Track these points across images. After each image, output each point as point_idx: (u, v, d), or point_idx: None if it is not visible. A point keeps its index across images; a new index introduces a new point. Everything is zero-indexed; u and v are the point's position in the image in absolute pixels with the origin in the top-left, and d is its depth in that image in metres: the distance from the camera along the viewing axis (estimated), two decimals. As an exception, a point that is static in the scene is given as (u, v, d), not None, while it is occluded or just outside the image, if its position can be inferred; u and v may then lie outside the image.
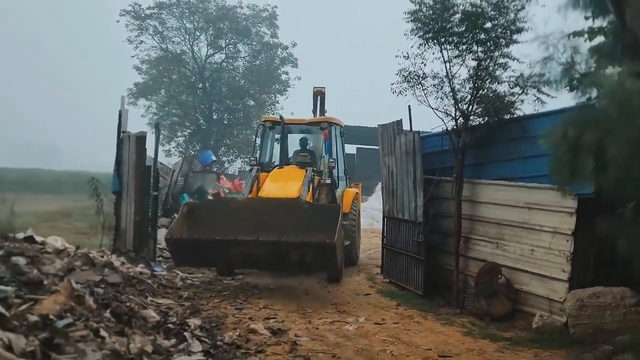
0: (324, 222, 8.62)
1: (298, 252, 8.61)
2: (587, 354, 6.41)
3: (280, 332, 7.00)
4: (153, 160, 11.15)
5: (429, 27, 9.38)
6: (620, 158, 5.08)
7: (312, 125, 12.54)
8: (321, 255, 8.63)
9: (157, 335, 6.41)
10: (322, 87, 13.78)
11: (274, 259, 8.81)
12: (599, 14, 7.63)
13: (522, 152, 8.35)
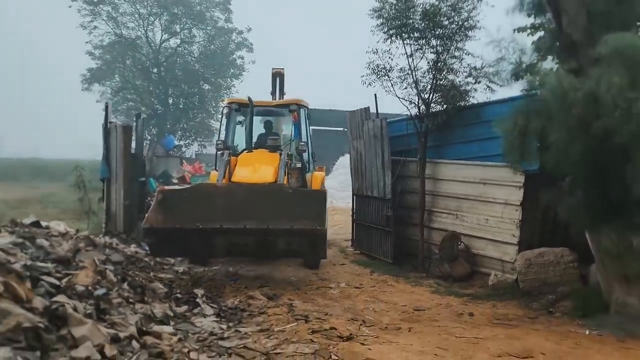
0: (308, 208, 8.35)
1: (286, 239, 8.38)
2: (534, 303, 7.76)
3: (276, 297, 8.00)
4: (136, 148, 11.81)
5: (393, 24, 10.46)
6: (559, 142, 6.33)
7: (280, 107, 11.78)
8: (310, 242, 8.45)
9: (170, 303, 7.33)
10: (281, 69, 13.06)
11: (260, 247, 8.53)
12: (540, 13, 8.93)
13: (477, 135, 9.61)
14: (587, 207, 6.78)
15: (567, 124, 6.27)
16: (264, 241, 8.35)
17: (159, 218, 8.16)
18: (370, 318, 7.02)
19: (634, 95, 5.83)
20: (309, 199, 8.73)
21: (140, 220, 11.44)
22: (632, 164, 5.94)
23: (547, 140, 6.57)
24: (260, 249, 8.60)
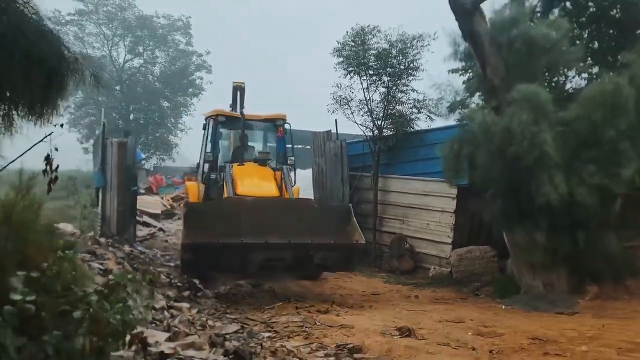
0: (331, 222, 8.18)
1: (323, 253, 8.13)
2: (464, 288, 9.45)
3: (259, 286, 9.30)
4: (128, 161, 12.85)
5: (351, 62, 12.10)
6: (484, 163, 8.05)
7: (265, 121, 10.87)
8: (348, 256, 8.35)
9: (174, 289, 8.52)
10: (242, 82, 12.17)
11: (296, 262, 8.13)
12: (469, 59, 10.75)
13: (420, 156, 11.35)
14: (504, 213, 8.54)
15: (490, 150, 8.02)
16: (301, 256, 8.03)
17: (198, 233, 7.40)
18: (338, 300, 8.45)
19: (536, 130, 7.63)
20: (336, 214, 8.66)
21: (131, 224, 12.53)
22: (535, 181, 7.70)
23: (475, 162, 8.31)
24: (296, 264, 8.23)
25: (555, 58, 9.46)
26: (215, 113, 10.50)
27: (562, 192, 7.49)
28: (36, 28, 2.15)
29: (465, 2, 8.94)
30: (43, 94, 2.19)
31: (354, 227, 8.18)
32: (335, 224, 8.14)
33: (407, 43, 11.71)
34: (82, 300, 2.76)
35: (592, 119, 7.79)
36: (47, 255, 3.11)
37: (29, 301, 2.58)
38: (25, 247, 3.03)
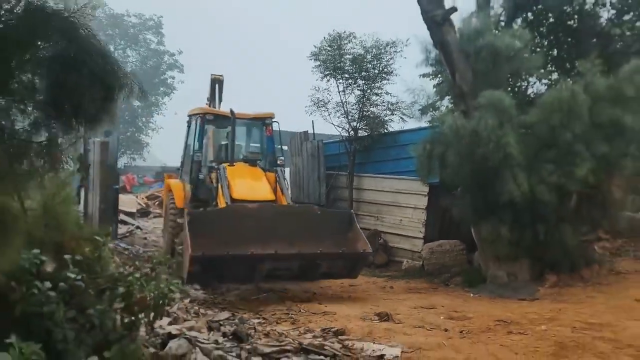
0: (335, 229, 8.09)
1: (330, 262, 8.02)
2: (435, 279, 10.05)
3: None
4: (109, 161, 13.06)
5: (328, 66, 12.61)
6: (454, 163, 8.66)
7: (256, 120, 10.41)
8: (354, 264, 8.29)
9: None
10: (220, 75, 11.56)
11: (302, 271, 8.01)
12: (439, 65, 11.38)
13: (393, 156, 11.93)
14: (472, 209, 9.18)
15: (459, 151, 8.63)
16: (308, 265, 7.93)
17: (205, 244, 7.07)
18: (318, 291, 8.94)
19: (501, 133, 8.27)
20: (339, 220, 8.48)
21: (113, 222, 12.76)
22: (500, 180, 8.34)
23: (446, 162, 8.91)
24: (302, 272, 8.09)
25: (518, 66, 10.13)
26: (203, 111, 10.07)
27: (524, 190, 8.14)
28: (98, 51, 2.57)
29: (436, 15, 9.55)
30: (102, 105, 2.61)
31: (357, 233, 8.14)
32: (338, 230, 8.06)
33: (381, 49, 12.31)
34: (120, 279, 3.19)
35: (550, 123, 8.47)
36: (79, 242, 3.53)
37: (78, 279, 3.01)
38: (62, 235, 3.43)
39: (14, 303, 2.79)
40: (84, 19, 2.57)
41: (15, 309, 2.78)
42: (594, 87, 8.64)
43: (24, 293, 2.82)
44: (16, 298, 2.80)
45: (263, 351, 4.74)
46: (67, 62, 2.48)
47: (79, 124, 2.64)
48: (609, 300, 7.43)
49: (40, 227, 3.12)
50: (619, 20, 11.28)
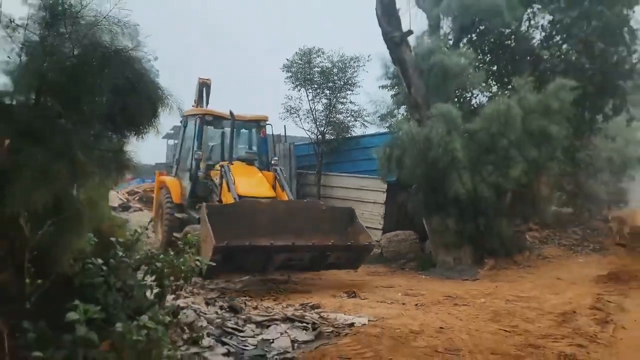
0: (338, 223, 8.18)
1: (337, 253, 7.97)
2: (393, 265, 10.77)
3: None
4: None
5: (299, 77, 13.18)
6: (409, 165, 9.39)
7: (251, 122, 10.28)
8: (359, 255, 8.29)
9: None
10: (208, 79, 11.37)
11: (312, 261, 7.91)
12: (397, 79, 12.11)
13: (356, 157, 12.60)
14: (424, 204, 9.95)
15: (414, 154, 9.37)
16: (318, 256, 7.86)
17: (226, 236, 6.86)
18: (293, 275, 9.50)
19: (449, 139, 9.04)
20: (341, 215, 8.48)
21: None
22: (448, 179, 9.11)
23: (403, 163, 9.64)
24: (312, 263, 7.99)
25: (464, 81, 10.97)
26: (203, 112, 9.92)
27: (468, 188, 8.94)
28: (147, 78, 3.08)
29: (395, 36, 10.26)
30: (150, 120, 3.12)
31: (360, 227, 8.22)
32: (341, 224, 8.17)
33: (346, 63, 12.97)
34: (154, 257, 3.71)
35: (490, 131, 9.30)
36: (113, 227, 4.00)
37: (124, 257, 3.52)
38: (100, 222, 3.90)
39: (74, 276, 3.27)
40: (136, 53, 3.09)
41: (75, 281, 3.27)
42: (526, 102, 9.53)
43: (81, 268, 3.31)
44: (75, 272, 3.29)
45: (256, 320, 5.31)
46: (125, 87, 3.00)
47: (131, 134, 3.15)
48: (536, 279, 8.31)
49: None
50: (548, 43, 12.22)
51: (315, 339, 4.92)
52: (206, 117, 9.68)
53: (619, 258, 10.65)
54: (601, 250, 11.65)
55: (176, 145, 11.00)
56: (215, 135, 10.51)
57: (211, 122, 9.84)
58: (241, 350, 4.44)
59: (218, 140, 10.44)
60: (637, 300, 6.84)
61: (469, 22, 12.41)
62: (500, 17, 11.39)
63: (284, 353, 4.47)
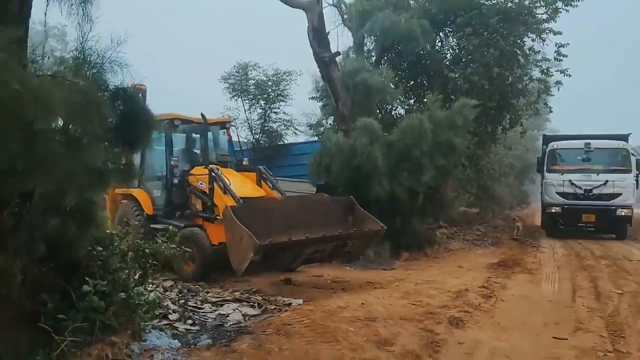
0: (343, 212, 8.33)
1: (354, 242, 8.06)
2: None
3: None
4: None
5: (235, 88, 14.15)
6: (337, 170, 10.66)
7: (216, 124, 10.14)
8: (370, 240, 8.48)
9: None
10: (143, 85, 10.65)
11: (333, 251, 8.02)
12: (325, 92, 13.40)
13: (288, 162, 13.72)
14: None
15: (341, 161, 10.64)
16: (340, 245, 7.93)
17: (259, 234, 6.57)
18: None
19: (371, 149, 10.40)
20: (344, 205, 8.49)
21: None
22: (370, 183, 10.46)
23: (331, 169, 10.87)
24: (332, 253, 8.13)
25: (384, 96, 12.47)
26: (172, 116, 9.21)
27: (386, 191, 10.31)
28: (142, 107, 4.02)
29: (324, 57, 11.53)
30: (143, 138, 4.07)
31: (365, 214, 8.30)
32: (346, 213, 8.29)
33: (279, 76, 14.10)
34: (140, 246, 4.65)
35: (405, 142, 10.75)
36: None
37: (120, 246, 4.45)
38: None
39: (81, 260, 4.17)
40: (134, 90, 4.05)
41: (82, 264, 4.16)
42: (435, 117, 11.11)
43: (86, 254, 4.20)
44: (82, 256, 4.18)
45: (211, 300, 6.33)
46: (127, 115, 3.97)
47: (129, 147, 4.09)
48: (441, 267, 9.83)
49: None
50: (455, 66, 14.04)
51: (262, 314, 6.01)
52: (174, 122, 9.18)
53: (510, 249, 12.52)
54: (497, 244, 13.52)
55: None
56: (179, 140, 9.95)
57: (178, 127, 9.36)
58: (203, 322, 5.46)
59: (182, 144, 10.03)
60: (516, 281, 8.48)
61: (389, 44, 13.98)
62: (416, 41, 13.03)
63: (238, 323, 5.53)
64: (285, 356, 4.42)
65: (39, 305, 3.77)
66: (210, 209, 8.34)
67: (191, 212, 8.78)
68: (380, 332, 5.19)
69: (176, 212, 8.94)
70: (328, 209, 8.21)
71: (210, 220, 8.29)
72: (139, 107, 4.04)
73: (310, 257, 7.82)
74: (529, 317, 6.09)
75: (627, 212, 15.03)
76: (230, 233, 6.83)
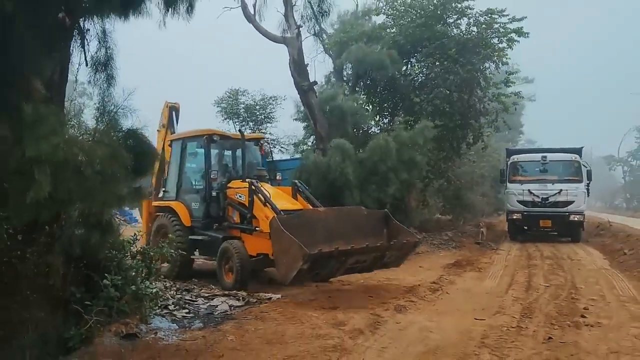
0: (380, 224, 8.32)
1: (391, 252, 7.94)
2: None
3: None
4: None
5: (228, 111, 15.29)
6: (315, 184, 11.71)
7: (251, 140, 10.15)
8: (407, 252, 8.37)
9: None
10: (176, 103, 11.34)
11: (372, 262, 7.86)
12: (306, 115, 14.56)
13: (275, 177, 14.80)
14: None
15: (318, 176, 11.75)
16: (379, 256, 7.83)
17: (308, 244, 6.62)
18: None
19: (344, 165, 11.55)
20: (380, 217, 8.51)
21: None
22: (343, 195, 11.57)
23: (310, 183, 11.91)
24: (372, 263, 7.93)
25: (358, 119, 13.63)
26: (210, 132, 9.31)
27: (357, 201, 11.38)
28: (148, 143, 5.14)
29: (304, 85, 12.71)
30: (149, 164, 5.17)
31: (400, 226, 8.34)
32: (381, 226, 8.29)
33: (266, 101, 15.28)
34: (146, 249, 5.74)
35: (374, 159, 11.91)
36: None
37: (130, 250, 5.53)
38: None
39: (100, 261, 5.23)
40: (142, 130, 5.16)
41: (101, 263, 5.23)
42: (400, 137, 12.30)
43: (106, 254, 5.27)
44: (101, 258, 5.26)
45: (204, 295, 7.38)
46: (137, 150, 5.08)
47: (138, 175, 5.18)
48: (404, 267, 10.73)
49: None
50: (419, 91, 15.27)
51: (245, 305, 7.06)
52: (213, 137, 9.18)
53: (469, 252, 13.59)
54: (460, 247, 14.57)
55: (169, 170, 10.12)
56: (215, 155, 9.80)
57: (216, 142, 9.30)
58: (197, 311, 6.54)
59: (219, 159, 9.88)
60: (464, 278, 9.57)
61: (362, 71, 15.21)
62: (385, 69, 14.26)
63: (225, 312, 6.59)
64: (259, 333, 5.48)
65: (71, 294, 4.84)
66: (249, 221, 8.24)
67: (229, 224, 8.70)
68: (338, 317, 6.24)
69: (214, 224, 8.89)
70: (364, 221, 8.15)
71: (249, 231, 8.18)
72: (145, 145, 5.15)
73: (352, 267, 7.66)
74: (463, 305, 7.16)
75: (579, 217, 16.25)
76: (278, 243, 6.87)
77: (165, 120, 11.06)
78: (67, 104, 4.69)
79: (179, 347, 4.86)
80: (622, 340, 5.35)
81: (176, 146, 9.96)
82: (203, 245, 8.91)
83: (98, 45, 4.49)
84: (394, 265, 8.48)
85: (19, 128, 2.96)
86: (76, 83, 4.87)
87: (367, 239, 7.65)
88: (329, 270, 7.44)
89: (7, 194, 3.24)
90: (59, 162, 2.95)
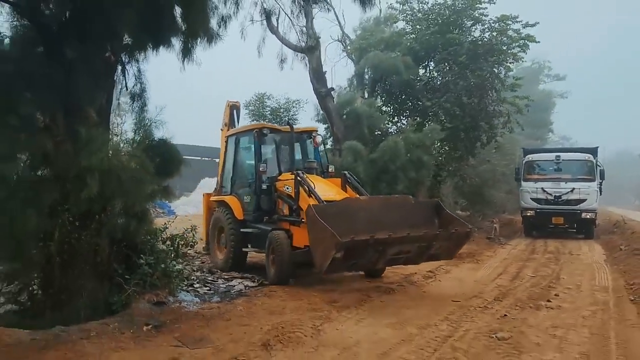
0: (429, 214, 7.90)
1: (440, 243, 7.46)
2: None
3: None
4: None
5: (254, 113, 16.45)
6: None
7: (304, 133, 10.16)
8: (458, 243, 7.81)
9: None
10: (237, 102, 11.51)
11: (417, 253, 7.45)
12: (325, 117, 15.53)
13: (297, 175, 15.89)
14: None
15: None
16: (424, 247, 7.40)
17: (343, 232, 6.37)
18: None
19: (356, 165, 12.48)
20: (430, 207, 8.18)
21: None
22: (355, 191, 12.53)
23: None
24: (417, 255, 7.53)
25: (372, 122, 14.53)
26: (260, 126, 9.48)
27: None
28: (176, 150, 6.29)
29: (322, 91, 13.71)
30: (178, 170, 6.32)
31: (451, 217, 7.95)
32: (431, 216, 7.90)
33: (289, 104, 16.38)
34: (174, 236, 6.93)
35: (384, 159, 12.78)
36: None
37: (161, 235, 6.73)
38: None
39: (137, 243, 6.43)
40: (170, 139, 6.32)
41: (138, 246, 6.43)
42: (409, 139, 13.14)
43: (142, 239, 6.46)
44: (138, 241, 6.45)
45: (224, 277, 8.56)
46: (166, 156, 6.25)
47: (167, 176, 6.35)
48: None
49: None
50: (431, 95, 16.01)
51: (259, 286, 8.17)
52: (263, 131, 9.25)
53: (476, 245, 14.17)
54: (469, 242, 15.22)
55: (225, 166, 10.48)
56: (267, 149, 9.80)
57: (267, 136, 9.32)
58: (216, 289, 7.71)
59: (269, 154, 9.82)
60: (460, 268, 10.33)
61: (379, 76, 16.09)
62: (400, 75, 15.09)
63: (240, 290, 7.72)
64: (264, 306, 6.54)
65: (114, 270, 6.05)
66: (296, 213, 8.06)
67: (278, 217, 8.61)
68: (334, 297, 7.17)
69: (265, 216, 8.89)
70: (413, 211, 7.87)
71: (297, 223, 7.99)
72: (172, 152, 6.32)
73: (395, 257, 7.32)
74: (447, 291, 7.91)
75: (591, 215, 16.63)
76: (313, 232, 6.76)
77: (227, 118, 11.28)
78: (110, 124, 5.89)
79: (197, 313, 6.00)
80: (569, 318, 6.16)
81: (231, 142, 10.19)
82: (254, 238, 8.93)
83: (135, 81, 5.65)
84: (445, 257, 8.12)
85: (78, 146, 4.14)
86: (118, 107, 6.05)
87: (416, 228, 7.21)
88: (367, 260, 7.07)
89: (68, 193, 4.44)
90: (104, 170, 4.12)
